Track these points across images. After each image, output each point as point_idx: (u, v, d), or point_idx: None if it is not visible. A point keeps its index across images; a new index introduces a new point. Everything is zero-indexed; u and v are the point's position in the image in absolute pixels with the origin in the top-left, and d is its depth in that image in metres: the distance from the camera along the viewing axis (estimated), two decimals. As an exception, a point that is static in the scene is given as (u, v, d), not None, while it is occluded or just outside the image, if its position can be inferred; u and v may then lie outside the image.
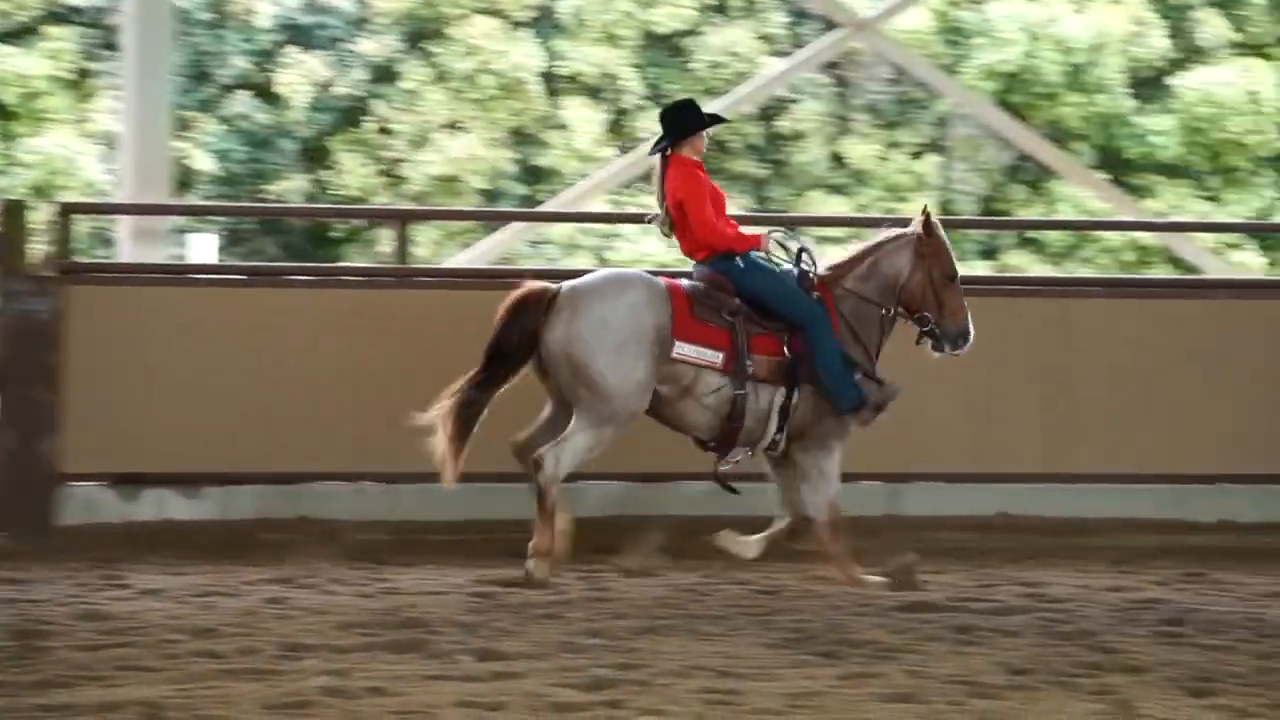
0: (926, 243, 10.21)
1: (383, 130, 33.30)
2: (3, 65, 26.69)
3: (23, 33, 28.59)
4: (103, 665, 7.52)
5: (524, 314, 9.91)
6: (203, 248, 17.46)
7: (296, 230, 29.95)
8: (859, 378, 10.01)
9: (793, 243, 10.23)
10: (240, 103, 31.17)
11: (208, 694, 6.96)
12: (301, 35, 32.48)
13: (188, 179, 27.27)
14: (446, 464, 9.98)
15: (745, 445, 10.10)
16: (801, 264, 10.17)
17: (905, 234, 10.34)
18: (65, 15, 28.56)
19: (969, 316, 10.24)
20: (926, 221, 10.27)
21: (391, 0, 32.63)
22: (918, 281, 10.18)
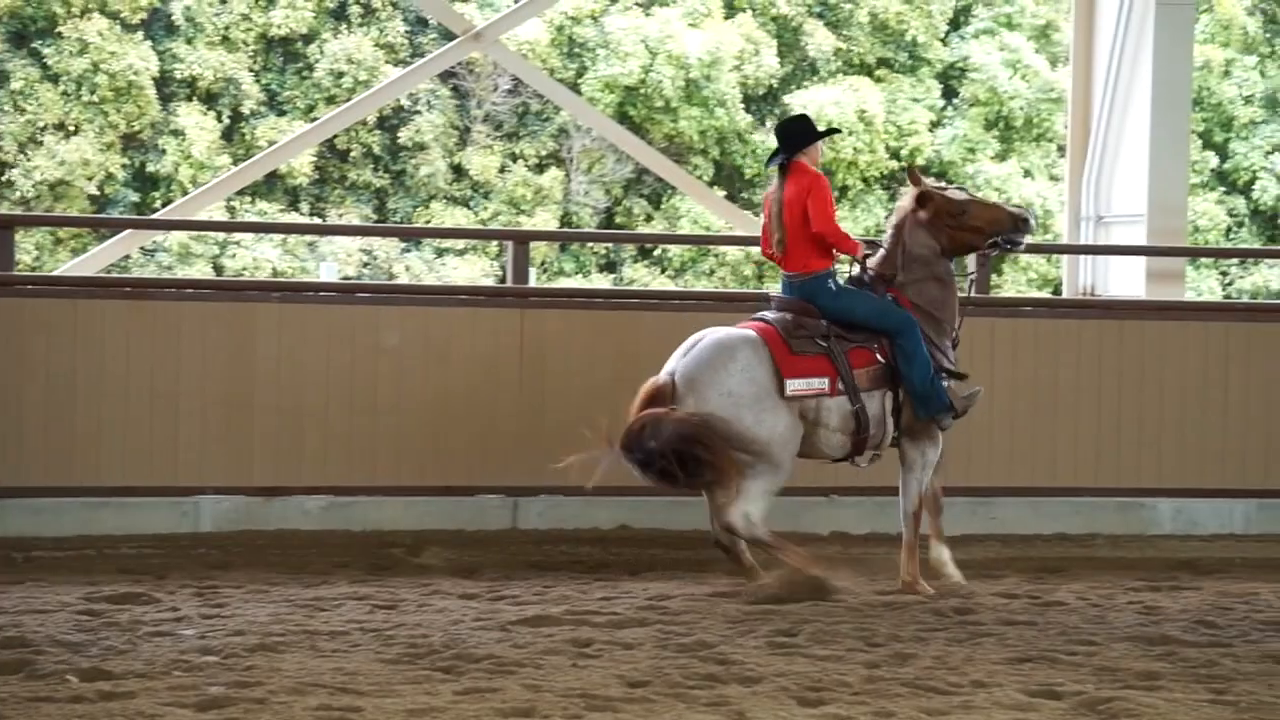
0: (924, 209, 10.62)
1: (-12, 131, 32.32)
2: None
3: None
4: None
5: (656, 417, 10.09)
6: None
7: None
8: (947, 384, 10.47)
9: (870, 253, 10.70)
10: None
11: None
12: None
13: None
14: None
15: (873, 449, 10.52)
16: (866, 274, 10.59)
17: (904, 214, 10.71)
18: None
19: (1003, 208, 10.74)
20: (918, 197, 10.65)
21: (-4, -4, 31.37)
22: (948, 238, 10.62)
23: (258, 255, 34.24)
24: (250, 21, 35.50)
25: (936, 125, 37.65)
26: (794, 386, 10.19)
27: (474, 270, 34.84)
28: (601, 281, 35.14)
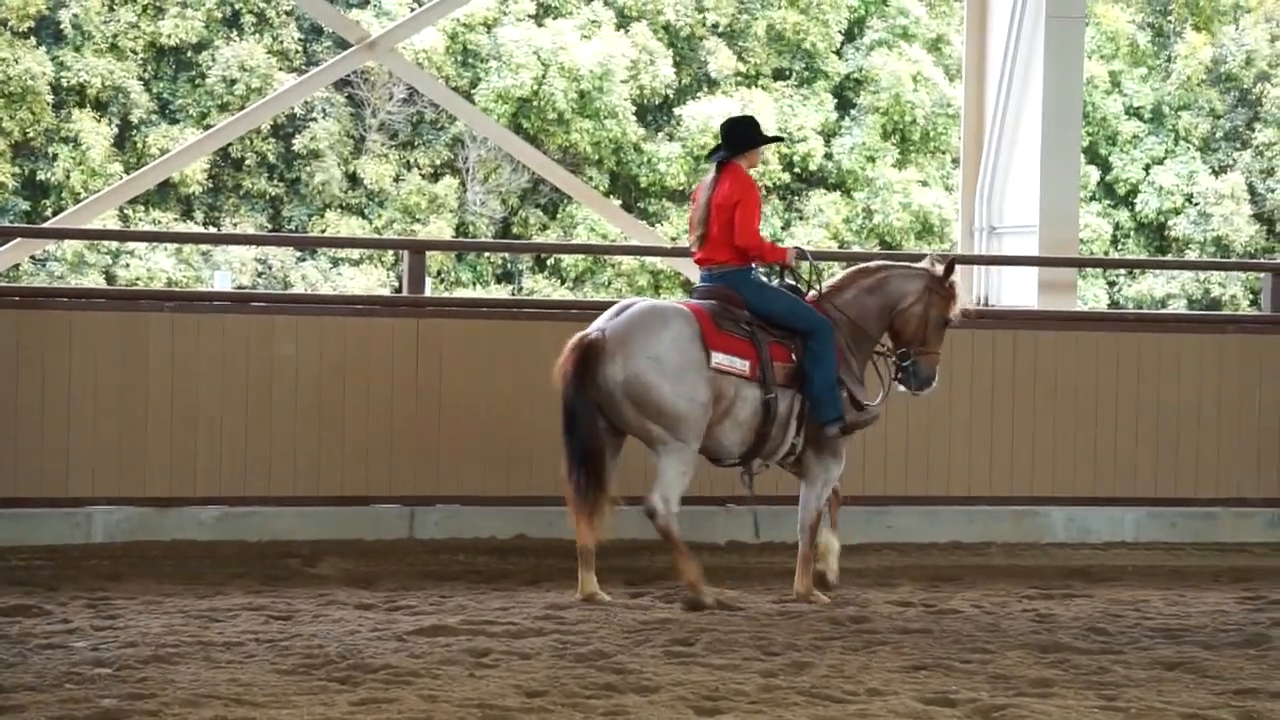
0: (941, 283, 10.75)
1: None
2: None
3: None
4: None
5: (584, 368, 10.12)
6: None
7: None
8: (844, 395, 10.46)
9: (803, 261, 10.70)
10: None
11: None
12: None
13: None
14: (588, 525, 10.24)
15: (769, 455, 10.51)
16: (803, 281, 10.64)
17: (921, 266, 10.86)
18: None
19: (938, 360, 10.86)
20: (949, 266, 10.80)
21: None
22: (917, 313, 10.72)
23: (151, 265, 33.98)
24: (139, 30, 35.22)
25: (832, 135, 37.83)
26: (719, 360, 10.22)
27: (370, 280, 34.71)
28: (499, 291, 35.12)
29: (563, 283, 35.80)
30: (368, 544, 11.75)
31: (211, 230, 34.32)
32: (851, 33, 38.67)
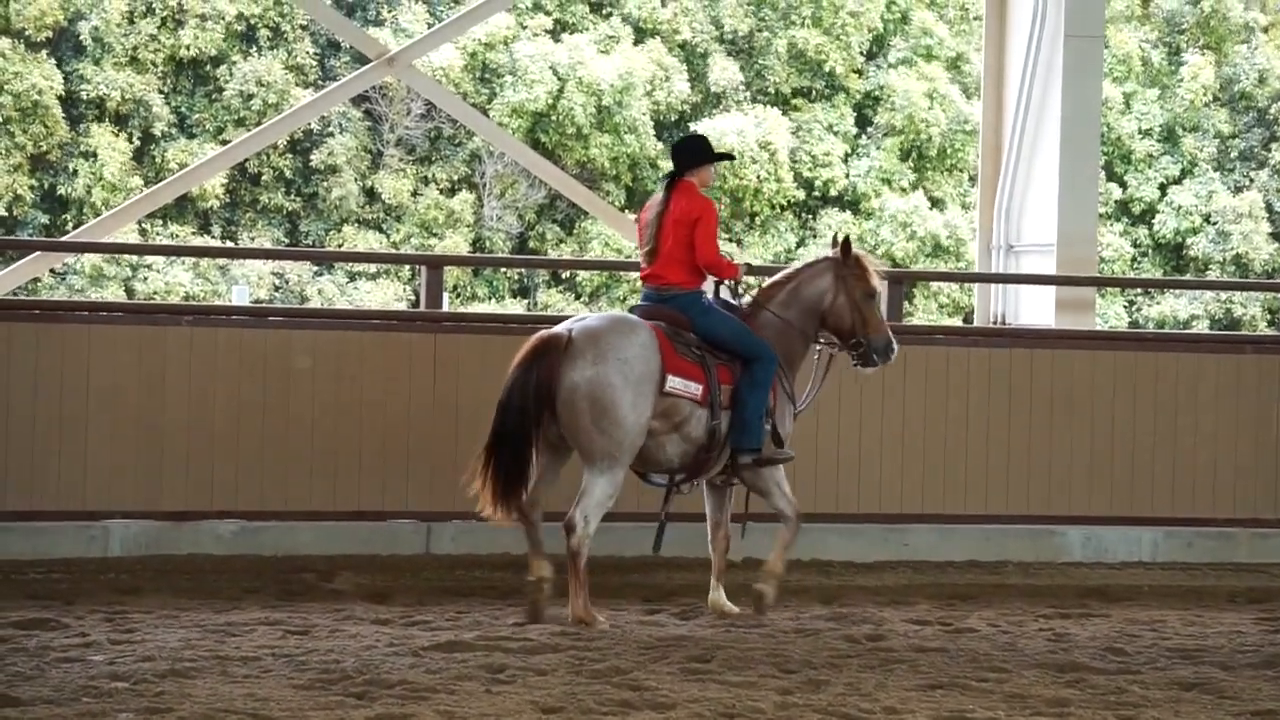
0: (846, 265, 10.64)
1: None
2: None
3: None
4: None
5: (542, 361, 9.99)
6: None
7: None
8: (768, 429, 10.37)
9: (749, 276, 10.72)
10: None
11: None
12: None
13: None
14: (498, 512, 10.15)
15: (707, 473, 10.42)
16: (735, 295, 10.58)
17: (822, 259, 10.77)
18: None
19: (888, 328, 10.74)
20: (844, 245, 10.68)
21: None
22: (842, 302, 10.62)
23: (170, 279, 34.05)
24: (159, 42, 35.30)
25: (850, 155, 37.85)
26: (673, 384, 10.13)
27: (387, 294, 34.75)
28: (515, 306, 35.14)
29: (578, 298, 35.82)
30: (384, 559, 11.76)
31: (229, 245, 34.39)
32: (872, 51, 38.70)
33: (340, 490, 11.81)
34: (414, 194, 36.41)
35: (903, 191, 37.36)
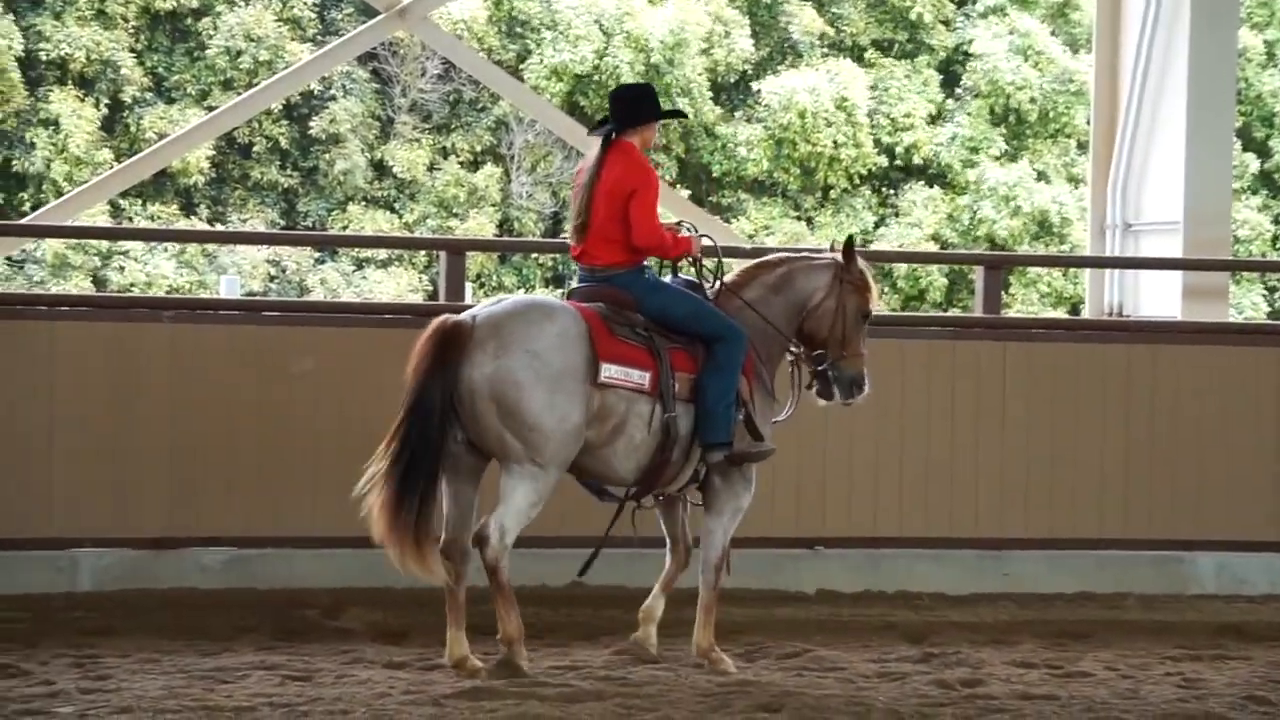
0: (849, 271, 10.50)
1: None
2: None
3: None
4: None
5: (445, 354, 9.74)
6: None
7: None
8: (740, 419, 10.16)
9: (709, 255, 10.48)
10: None
11: None
12: None
13: None
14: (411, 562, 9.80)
15: (668, 483, 10.18)
16: (705, 277, 10.43)
17: (825, 254, 10.64)
18: None
19: (863, 361, 10.50)
20: (848, 247, 10.54)
21: None
22: (829, 308, 10.46)
23: (148, 268, 34.21)
24: (129, -7, 35.49)
25: (936, 119, 37.82)
26: (609, 372, 9.89)
27: (400, 284, 34.86)
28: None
29: (622, 288, 35.87)
30: (398, 592, 11.77)
31: (217, 228, 34.55)
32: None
33: (347, 513, 11.80)
34: (430, 168, 36.52)
35: (998, 161, 37.28)
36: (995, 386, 12.47)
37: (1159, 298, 14.70)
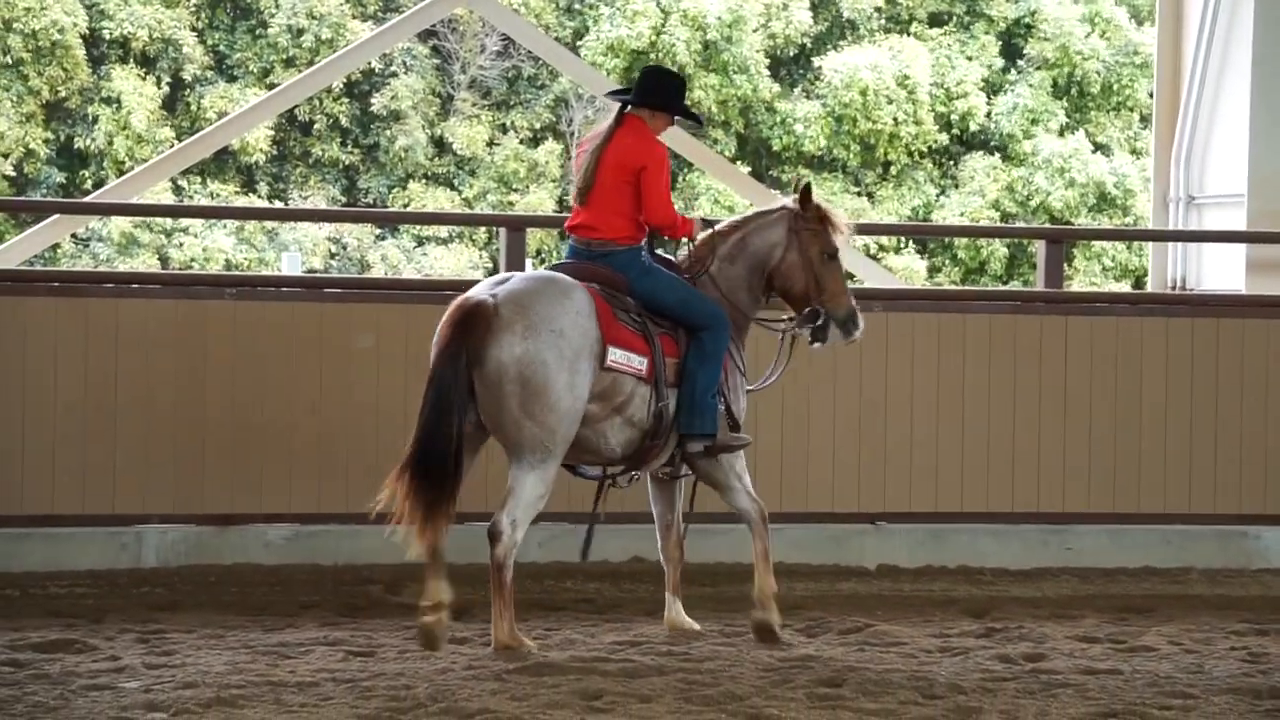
0: (804, 217, 10.34)
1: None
2: None
3: None
4: None
5: (469, 336, 9.61)
6: None
7: None
8: (721, 409, 10.09)
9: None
10: None
11: None
12: None
13: None
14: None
15: (650, 463, 10.12)
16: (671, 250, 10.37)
17: (777, 208, 10.49)
18: None
19: (850, 295, 10.39)
20: (804, 194, 10.39)
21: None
22: (793, 261, 10.32)
23: (209, 245, 34.32)
24: (193, -29, 35.56)
25: (996, 90, 37.66)
26: (615, 357, 9.80)
27: (460, 261, 34.90)
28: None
29: (683, 263, 35.86)
30: (460, 568, 11.75)
31: (278, 205, 34.62)
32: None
33: (409, 489, 11.84)
34: (490, 144, 36.53)
35: (1058, 133, 37.11)
36: (1057, 361, 12.42)
37: (1222, 271, 14.64)
